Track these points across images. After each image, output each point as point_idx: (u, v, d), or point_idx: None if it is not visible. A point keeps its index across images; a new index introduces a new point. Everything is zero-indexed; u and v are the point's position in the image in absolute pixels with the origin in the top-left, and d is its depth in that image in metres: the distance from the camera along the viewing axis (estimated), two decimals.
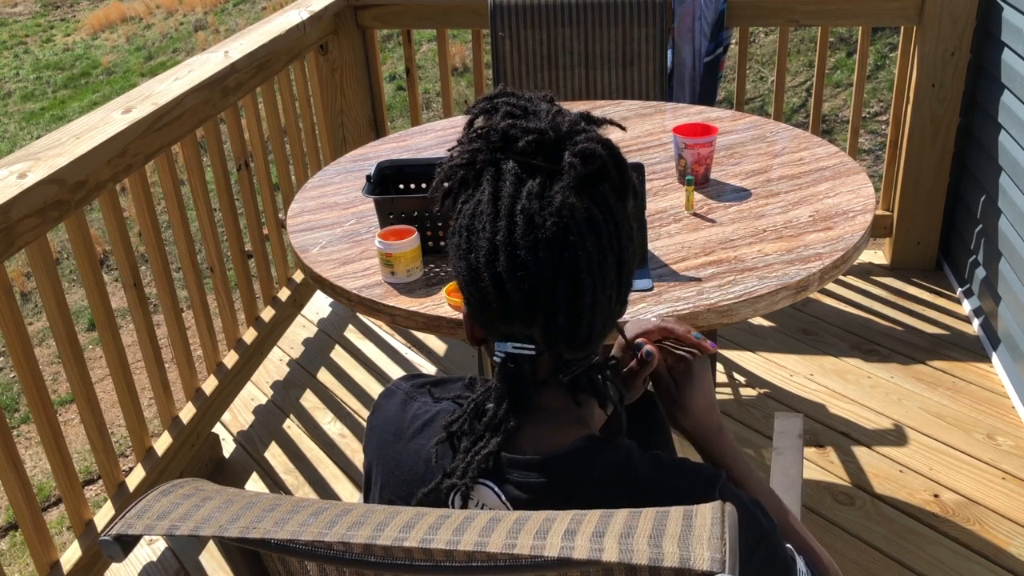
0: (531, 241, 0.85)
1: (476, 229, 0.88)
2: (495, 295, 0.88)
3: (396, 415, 1.01)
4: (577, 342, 0.90)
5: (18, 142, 7.38)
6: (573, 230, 0.85)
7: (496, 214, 0.87)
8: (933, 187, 3.06)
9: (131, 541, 0.77)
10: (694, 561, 0.64)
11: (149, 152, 2.21)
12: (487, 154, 0.90)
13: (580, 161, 0.87)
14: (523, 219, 0.85)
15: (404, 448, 0.98)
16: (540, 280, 0.86)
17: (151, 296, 4.04)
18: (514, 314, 0.88)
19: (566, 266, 0.86)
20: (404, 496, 0.97)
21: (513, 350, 0.91)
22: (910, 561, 2.05)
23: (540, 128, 0.89)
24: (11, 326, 1.81)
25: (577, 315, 0.87)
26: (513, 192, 0.87)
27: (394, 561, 0.74)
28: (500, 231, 0.86)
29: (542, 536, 0.68)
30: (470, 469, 0.90)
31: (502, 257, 0.86)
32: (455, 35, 7.28)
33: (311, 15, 2.84)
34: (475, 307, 0.92)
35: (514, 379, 0.91)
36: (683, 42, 2.94)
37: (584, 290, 0.86)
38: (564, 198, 0.86)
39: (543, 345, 0.90)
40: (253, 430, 2.66)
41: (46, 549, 1.94)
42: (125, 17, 10.00)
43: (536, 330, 0.89)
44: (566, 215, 0.85)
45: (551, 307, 0.87)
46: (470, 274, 0.89)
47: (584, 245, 0.86)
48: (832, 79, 5.68)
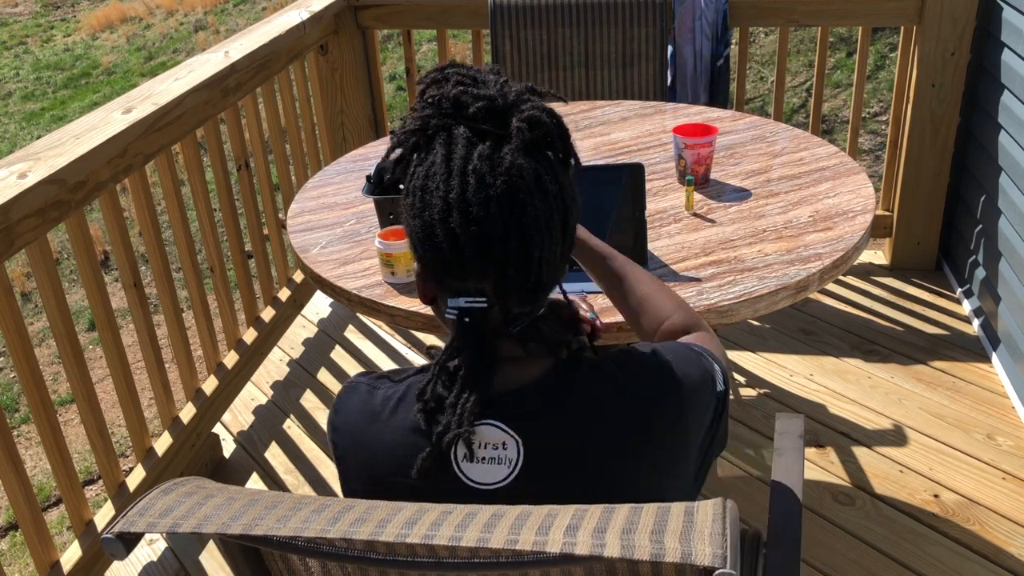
0: (483, 198, 0.91)
1: (430, 189, 0.93)
2: (449, 250, 0.93)
3: (365, 404, 1.03)
4: (526, 293, 0.96)
5: (18, 142, 7.38)
6: (522, 188, 0.92)
7: (449, 174, 0.92)
8: (933, 187, 3.06)
9: (133, 539, 0.77)
10: (695, 557, 0.64)
11: (149, 152, 2.21)
12: (439, 120, 0.96)
13: (527, 126, 0.94)
14: (475, 178, 0.92)
15: (384, 428, 0.99)
16: (492, 235, 0.92)
17: (151, 296, 4.04)
18: (468, 268, 0.94)
19: (516, 222, 0.92)
20: (402, 470, 0.96)
21: (465, 304, 0.96)
22: (910, 561, 2.05)
23: (490, 95, 0.96)
24: (11, 326, 1.81)
25: (526, 267, 0.94)
26: (465, 154, 0.93)
27: (396, 558, 0.74)
28: (453, 190, 0.92)
29: (544, 532, 0.68)
30: (464, 417, 0.93)
31: (456, 214, 0.92)
32: (455, 35, 7.28)
33: (311, 15, 2.84)
34: (430, 264, 0.97)
35: (472, 330, 0.97)
36: (683, 42, 2.94)
37: (533, 244, 0.93)
38: (513, 159, 0.92)
39: (494, 298, 0.96)
40: (253, 430, 2.66)
41: (46, 549, 1.94)
42: (125, 17, 10.01)
43: (488, 283, 0.95)
44: (515, 174, 0.92)
45: (503, 260, 0.93)
46: (424, 231, 0.94)
47: (532, 202, 0.93)
48: (832, 79, 5.68)
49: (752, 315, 1.55)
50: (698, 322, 1.22)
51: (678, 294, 1.29)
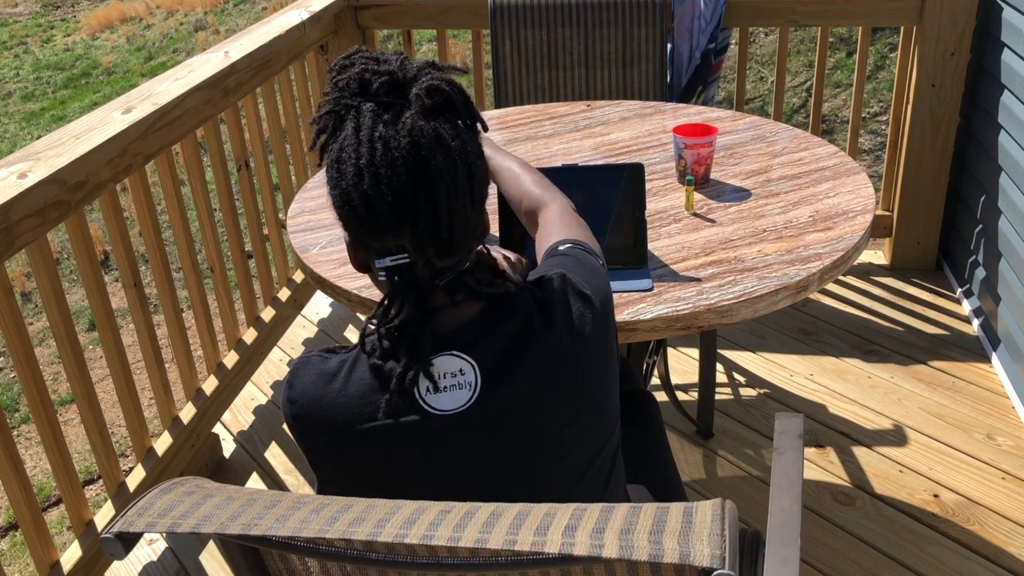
0: (389, 160, 0.99)
1: (344, 160, 1.01)
2: (364, 211, 1.01)
3: (320, 370, 1.08)
4: (442, 245, 1.03)
5: (18, 142, 7.38)
6: (424, 146, 1.00)
7: (359, 144, 1.01)
8: (933, 187, 3.06)
9: (133, 539, 0.77)
10: (694, 557, 0.64)
11: (149, 152, 2.21)
12: (348, 99, 1.04)
13: (426, 93, 1.02)
14: (381, 144, 1.00)
15: (345, 385, 1.05)
16: (401, 192, 1.00)
17: (151, 296, 4.04)
18: (383, 226, 1.01)
19: (422, 177, 1.00)
20: (368, 417, 1.02)
21: (391, 262, 1.04)
22: (910, 561, 2.05)
23: (390, 70, 1.04)
24: (11, 326, 1.81)
25: (436, 219, 1.01)
26: (372, 124, 1.01)
27: (396, 558, 0.74)
28: (363, 156, 1.00)
29: (543, 532, 0.68)
30: (423, 354, 1.02)
31: (367, 176, 1.00)
32: (455, 35, 7.28)
33: (311, 15, 2.84)
34: (351, 229, 1.05)
35: (405, 283, 1.04)
36: (682, 41, 2.94)
37: (440, 197, 1.01)
38: (414, 122, 1.01)
39: (414, 252, 1.03)
40: (253, 430, 2.67)
41: (46, 549, 1.94)
42: (125, 17, 10.01)
43: (405, 239, 1.02)
44: (416, 134, 1.00)
45: (413, 214, 1.01)
46: (343, 199, 1.02)
47: (435, 157, 1.00)
48: (832, 79, 5.68)
49: (752, 315, 1.55)
50: (559, 199, 1.39)
51: (540, 175, 1.48)
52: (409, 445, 1.02)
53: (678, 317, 1.49)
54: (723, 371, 2.73)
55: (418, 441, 1.01)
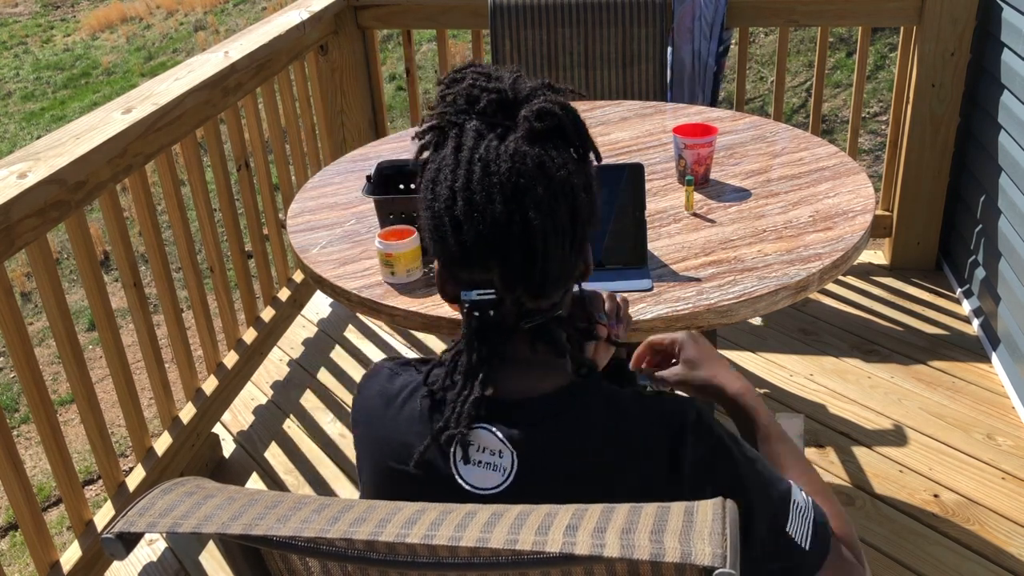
0: (486, 185, 0.92)
1: (440, 180, 0.95)
2: (454, 238, 0.94)
3: (383, 389, 1.04)
4: (533, 286, 0.95)
5: (18, 142, 7.38)
6: (525, 175, 0.92)
7: (457, 165, 0.94)
8: (933, 187, 3.06)
9: (133, 539, 0.77)
10: (695, 556, 0.64)
11: (149, 152, 2.21)
12: (453, 116, 0.97)
13: (535, 117, 0.94)
14: (480, 166, 0.92)
15: (397, 414, 1.01)
16: (494, 222, 0.92)
17: (151, 296, 4.04)
18: (472, 257, 0.94)
19: (518, 208, 0.91)
20: (403, 459, 0.98)
21: (476, 296, 0.96)
22: (910, 561, 2.05)
23: (500, 88, 0.97)
24: (11, 326, 1.81)
25: (531, 257, 0.93)
26: (473, 145, 0.94)
27: (397, 558, 0.74)
28: (459, 178, 0.93)
29: (544, 532, 0.68)
30: (462, 417, 0.94)
31: (460, 201, 0.92)
32: (455, 35, 7.28)
33: (311, 15, 2.84)
34: (440, 256, 0.98)
35: (481, 326, 0.97)
36: (682, 42, 2.94)
37: (535, 233, 0.92)
38: (517, 146, 0.93)
39: (502, 290, 0.95)
40: (253, 430, 2.66)
41: (46, 549, 1.94)
42: (125, 17, 10.01)
43: (494, 274, 0.95)
44: (518, 161, 0.92)
45: (505, 248, 0.92)
46: (434, 221, 0.95)
47: (535, 189, 0.92)
48: (832, 79, 5.68)
49: (752, 315, 1.55)
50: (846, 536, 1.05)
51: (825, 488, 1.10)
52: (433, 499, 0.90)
53: (678, 317, 1.49)
54: None
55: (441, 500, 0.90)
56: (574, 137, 0.97)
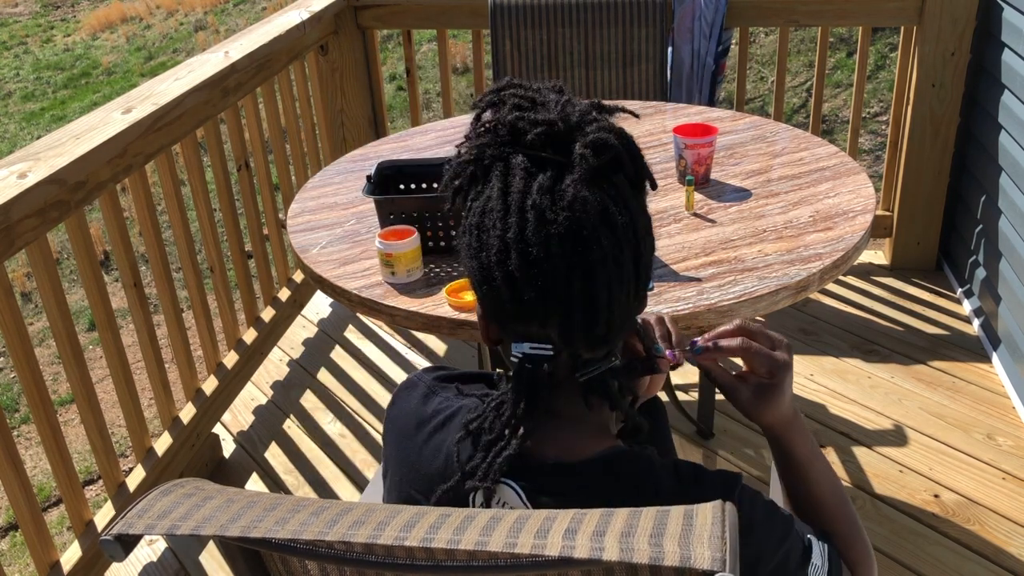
0: (543, 237, 0.82)
1: (486, 227, 0.85)
2: (508, 295, 0.85)
3: (417, 408, 0.99)
4: (595, 340, 0.87)
5: (18, 142, 7.38)
6: (587, 225, 0.82)
7: (506, 211, 0.84)
8: (933, 187, 3.06)
9: (132, 540, 0.77)
10: (695, 560, 0.64)
11: (149, 152, 2.21)
12: (495, 148, 0.87)
13: (592, 152, 0.84)
14: (534, 215, 0.83)
15: (425, 443, 0.96)
16: (554, 278, 0.83)
17: (151, 296, 4.04)
18: (529, 313, 0.86)
19: (580, 262, 0.83)
20: (424, 491, 0.95)
21: (531, 351, 0.88)
22: (910, 561, 2.05)
23: (549, 119, 0.86)
24: (11, 326, 1.81)
25: (594, 312, 0.84)
26: (523, 187, 0.84)
27: (395, 560, 0.74)
28: (511, 228, 0.83)
29: (543, 535, 0.68)
30: (491, 471, 0.88)
31: (514, 255, 0.83)
32: (455, 35, 7.28)
33: (311, 15, 2.84)
34: (489, 307, 0.90)
35: (531, 380, 0.89)
36: (682, 42, 2.94)
37: (600, 286, 0.84)
38: (576, 191, 0.83)
39: (560, 344, 0.88)
40: (253, 430, 2.66)
41: (46, 549, 1.94)
42: (125, 17, 10.01)
43: (552, 329, 0.86)
44: (579, 209, 0.82)
45: (566, 305, 0.84)
46: (482, 273, 0.87)
47: (599, 240, 0.83)
48: (832, 79, 5.68)
49: (752, 315, 1.55)
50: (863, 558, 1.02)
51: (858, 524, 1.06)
52: None
53: (678, 317, 1.49)
54: None
55: None
56: (631, 168, 0.88)
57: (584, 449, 0.90)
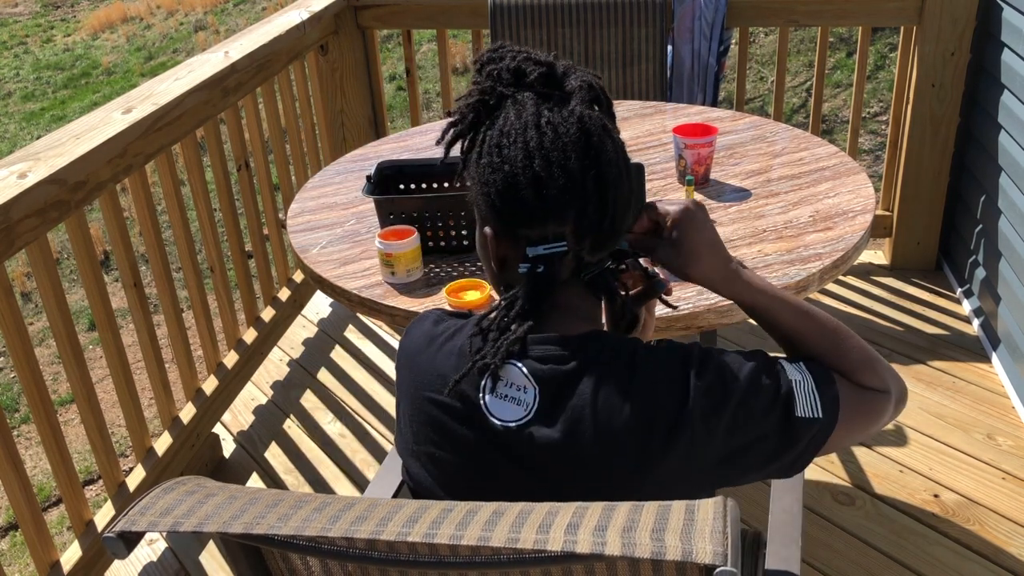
0: (561, 144, 0.99)
1: (507, 144, 1.00)
2: (533, 196, 0.99)
3: (429, 330, 1.10)
4: (602, 235, 1.03)
5: (18, 142, 7.38)
6: (594, 132, 1.00)
7: (525, 127, 1.00)
8: (933, 187, 3.06)
9: (134, 538, 0.77)
10: (696, 555, 0.64)
11: (149, 152, 2.21)
12: (502, 88, 1.04)
13: (586, 87, 1.03)
14: (550, 128, 0.99)
15: (438, 351, 1.06)
16: (571, 176, 0.99)
17: (151, 296, 4.04)
18: (550, 212, 1.00)
19: (592, 163, 1.00)
20: (439, 388, 1.03)
21: (545, 251, 1.02)
22: (910, 561, 2.05)
23: (548, 62, 1.05)
24: (11, 326, 1.81)
25: (603, 207, 1.01)
26: (536, 110, 1.01)
27: (398, 556, 0.74)
28: (532, 140, 0.99)
29: (545, 530, 0.68)
30: (500, 351, 1.00)
31: (538, 159, 0.99)
32: (455, 35, 7.28)
33: (311, 15, 2.85)
34: (510, 218, 1.02)
35: (543, 279, 1.03)
36: (682, 42, 2.95)
37: (608, 184, 1.00)
38: (583, 110, 1.01)
39: (573, 241, 1.02)
40: (253, 430, 2.66)
41: (46, 549, 1.94)
42: (125, 17, 10.01)
43: (568, 226, 1.01)
44: (587, 122, 1.00)
45: (583, 200, 0.99)
46: (506, 183, 1.00)
47: (604, 146, 1.01)
48: (832, 79, 5.68)
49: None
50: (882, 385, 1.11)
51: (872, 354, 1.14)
52: (459, 428, 1.02)
53: (678, 317, 1.49)
54: None
55: (468, 428, 1.01)
56: (606, 106, 1.06)
57: (575, 329, 1.03)
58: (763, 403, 1.00)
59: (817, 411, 1.02)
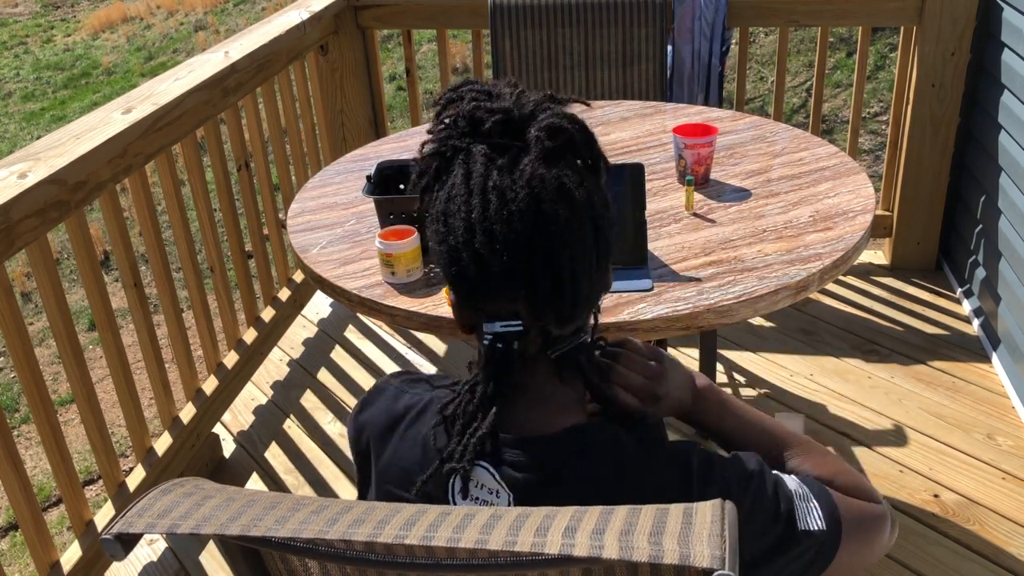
0: (505, 214, 0.87)
1: (452, 212, 0.90)
2: (476, 272, 0.89)
3: (388, 408, 1.01)
4: (562, 313, 0.91)
5: (18, 142, 7.38)
6: (545, 198, 0.87)
7: (470, 194, 0.89)
8: (933, 187, 3.06)
9: (132, 539, 0.77)
10: (694, 558, 0.64)
11: (149, 152, 2.21)
12: (456, 140, 0.92)
13: (546, 135, 0.90)
14: (496, 195, 0.87)
15: (400, 440, 0.99)
16: (517, 250, 0.87)
17: (151, 296, 4.04)
18: (497, 289, 0.90)
19: (541, 234, 0.87)
20: (403, 485, 0.96)
21: (501, 328, 0.92)
22: (910, 561, 2.05)
23: (504, 107, 0.92)
24: (11, 326, 1.81)
25: (558, 284, 0.89)
26: (484, 171, 0.89)
27: (395, 559, 0.74)
28: (475, 209, 0.88)
29: (543, 534, 0.68)
30: (467, 451, 0.91)
31: (479, 233, 0.88)
32: (455, 35, 7.28)
33: (311, 15, 2.84)
34: (460, 290, 0.93)
35: (503, 358, 0.92)
36: (683, 42, 2.94)
37: (562, 257, 0.88)
38: (534, 169, 0.88)
39: (530, 320, 0.92)
40: (253, 430, 2.66)
41: (46, 549, 1.94)
42: (125, 17, 10.01)
43: (520, 304, 0.91)
44: (536, 185, 0.87)
45: (531, 278, 0.88)
46: (451, 256, 0.91)
47: (557, 213, 0.88)
48: (832, 79, 5.68)
49: (752, 315, 1.55)
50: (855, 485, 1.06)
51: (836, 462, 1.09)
52: None
53: (678, 317, 1.49)
54: (723, 371, 2.72)
55: None
56: (585, 150, 0.93)
57: (553, 423, 0.93)
58: (766, 519, 0.93)
59: (820, 523, 0.95)
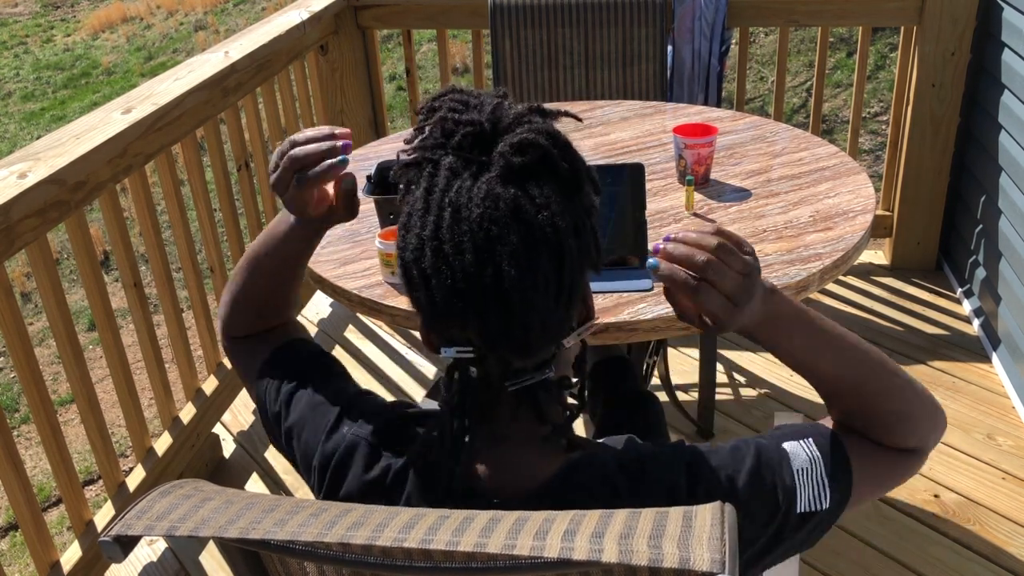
0: (455, 234, 0.81)
1: (410, 225, 0.85)
2: (424, 293, 0.84)
3: (359, 477, 0.94)
4: (515, 344, 0.85)
5: (18, 142, 7.38)
6: (496, 221, 0.81)
7: (427, 209, 0.83)
8: (933, 187, 3.06)
9: (131, 542, 0.77)
10: (694, 562, 0.64)
11: (149, 152, 2.21)
12: (429, 152, 0.86)
13: (512, 151, 0.83)
14: (450, 212, 0.82)
15: None
16: (463, 275, 0.81)
17: (151, 296, 4.04)
18: (444, 313, 0.84)
19: (490, 260, 0.81)
20: None
21: (456, 354, 0.87)
22: (910, 561, 2.05)
23: (475, 120, 0.85)
24: (11, 326, 1.81)
25: (508, 313, 0.82)
26: (445, 186, 0.83)
27: (393, 562, 0.74)
28: (428, 226, 0.83)
29: (542, 537, 0.68)
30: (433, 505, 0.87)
31: (428, 252, 0.83)
32: (455, 35, 7.28)
33: (311, 15, 2.84)
34: (416, 308, 0.88)
35: (464, 386, 0.87)
36: (683, 42, 2.94)
37: (511, 285, 0.81)
38: (490, 187, 0.81)
39: (483, 348, 0.86)
40: (253, 430, 2.66)
41: (46, 549, 1.94)
42: (125, 17, 10.01)
43: (472, 331, 0.85)
44: (489, 205, 0.81)
45: (479, 304, 0.82)
46: (404, 273, 0.86)
47: (508, 237, 0.80)
48: (832, 79, 5.68)
49: None
50: None
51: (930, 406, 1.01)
52: None
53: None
54: (723, 371, 2.72)
55: None
56: (564, 170, 0.85)
57: (542, 471, 0.88)
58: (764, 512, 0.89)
59: (824, 501, 0.92)
